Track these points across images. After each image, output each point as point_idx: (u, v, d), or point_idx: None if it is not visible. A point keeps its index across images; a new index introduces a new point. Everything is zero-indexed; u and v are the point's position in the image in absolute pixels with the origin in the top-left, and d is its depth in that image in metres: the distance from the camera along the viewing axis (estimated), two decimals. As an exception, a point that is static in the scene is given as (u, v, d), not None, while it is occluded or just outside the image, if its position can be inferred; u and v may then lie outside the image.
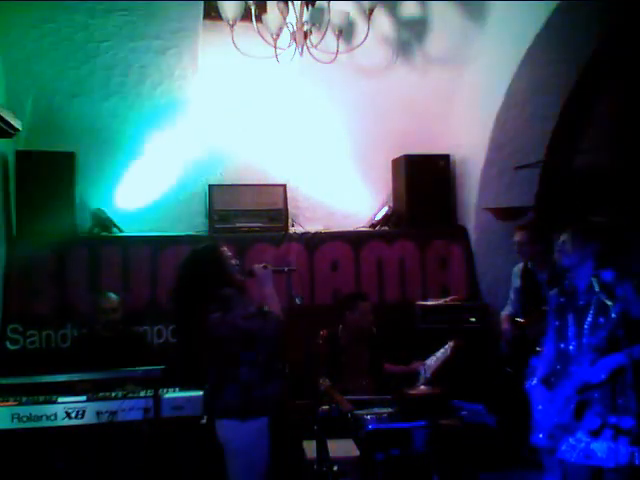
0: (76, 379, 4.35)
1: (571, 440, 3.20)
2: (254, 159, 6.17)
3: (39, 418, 4.06)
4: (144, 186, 5.93)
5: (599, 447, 3.11)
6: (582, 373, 3.19)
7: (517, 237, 4.90)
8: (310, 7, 4.67)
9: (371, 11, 4.61)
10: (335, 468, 3.67)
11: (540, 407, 3.33)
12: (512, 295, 5.07)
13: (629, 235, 4.23)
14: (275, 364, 3.61)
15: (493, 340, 5.49)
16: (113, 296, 5.03)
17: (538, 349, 4.66)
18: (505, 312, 5.07)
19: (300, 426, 4.46)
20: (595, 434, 3.12)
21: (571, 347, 3.31)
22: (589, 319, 3.27)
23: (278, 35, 4.54)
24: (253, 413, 3.47)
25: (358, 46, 4.73)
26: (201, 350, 3.68)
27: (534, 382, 3.43)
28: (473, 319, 5.74)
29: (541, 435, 3.31)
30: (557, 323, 3.44)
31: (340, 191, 6.36)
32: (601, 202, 6.04)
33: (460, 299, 5.91)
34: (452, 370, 4.81)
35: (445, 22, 5.71)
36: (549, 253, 4.84)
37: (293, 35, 4.56)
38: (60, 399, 4.17)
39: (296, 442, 4.51)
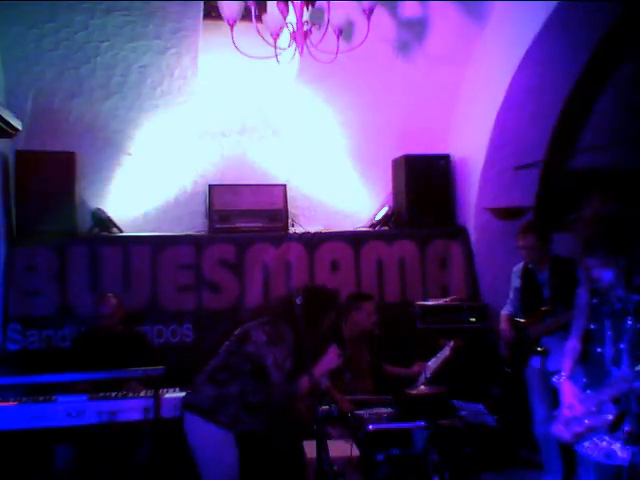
0: (76, 379, 4.35)
1: (594, 438, 3.17)
2: (254, 159, 6.17)
3: (39, 418, 4.06)
4: (144, 186, 5.94)
5: (620, 447, 3.09)
6: (621, 380, 3.09)
7: (523, 241, 4.81)
8: (310, 7, 4.65)
9: (371, 11, 4.60)
10: (335, 468, 3.66)
11: (567, 403, 3.30)
12: (512, 295, 5.06)
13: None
14: (267, 414, 3.63)
15: (493, 340, 5.49)
16: (112, 301, 4.97)
17: (539, 349, 4.68)
18: (504, 312, 5.07)
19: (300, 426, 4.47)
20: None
21: (607, 352, 3.20)
22: (628, 324, 3.14)
23: (278, 35, 4.53)
24: (216, 422, 3.51)
25: (358, 46, 4.72)
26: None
27: (562, 378, 3.40)
28: (473, 319, 5.73)
29: (563, 429, 3.28)
30: (593, 327, 3.29)
31: (340, 191, 6.36)
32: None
33: (460, 299, 5.91)
34: (452, 370, 4.81)
35: (445, 22, 5.71)
36: (549, 253, 4.87)
37: (293, 35, 4.54)
38: (60, 399, 4.17)
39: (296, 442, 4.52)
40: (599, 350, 3.27)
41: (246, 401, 3.56)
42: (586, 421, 3.18)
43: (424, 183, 6.08)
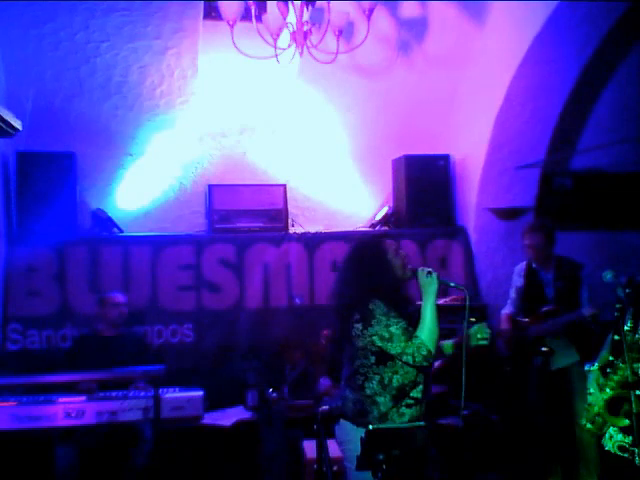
0: (76, 379, 4.36)
1: (611, 429, 3.22)
2: (254, 159, 6.17)
3: (39, 418, 4.06)
4: (144, 186, 5.94)
5: (629, 441, 3.12)
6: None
7: (530, 240, 4.79)
8: (310, 7, 4.66)
9: (371, 11, 4.61)
10: (335, 468, 3.66)
11: (592, 391, 3.35)
12: (513, 294, 5.05)
13: None
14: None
15: (493, 340, 5.49)
16: (123, 310, 5.03)
17: (544, 349, 4.67)
18: (505, 312, 5.06)
19: (300, 426, 4.47)
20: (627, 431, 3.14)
21: (623, 342, 3.27)
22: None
23: (278, 35, 4.54)
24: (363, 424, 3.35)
25: (358, 46, 4.73)
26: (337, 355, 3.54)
27: (594, 367, 3.44)
28: (473, 319, 5.72)
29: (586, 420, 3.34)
30: (615, 314, 3.36)
31: (340, 191, 6.36)
32: (600, 202, 6.05)
33: (460, 299, 5.90)
34: (452, 370, 4.80)
35: (445, 22, 5.71)
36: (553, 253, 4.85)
37: (293, 35, 4.55)
38: (60, 399, 4.17)
39: (296, 442, 4.52)
40: (617, 338, 3.38)
41: (389, 387, 3.40)
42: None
43: (424, 183, 6.08)
